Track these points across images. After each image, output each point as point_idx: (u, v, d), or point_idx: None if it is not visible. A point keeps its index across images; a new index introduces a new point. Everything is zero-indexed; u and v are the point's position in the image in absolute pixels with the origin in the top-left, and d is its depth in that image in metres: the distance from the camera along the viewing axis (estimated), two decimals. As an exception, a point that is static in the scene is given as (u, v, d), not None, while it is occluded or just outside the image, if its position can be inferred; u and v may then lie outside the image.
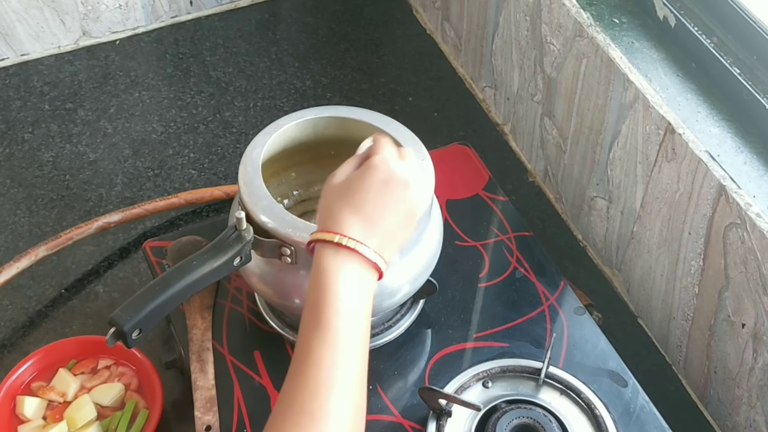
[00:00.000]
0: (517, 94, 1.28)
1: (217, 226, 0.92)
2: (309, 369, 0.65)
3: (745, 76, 0.95)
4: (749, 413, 0.96)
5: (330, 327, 0.66)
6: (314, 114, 0.94)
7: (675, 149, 0.96)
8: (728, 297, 0.94)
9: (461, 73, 1.43)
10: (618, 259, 1.14)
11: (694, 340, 1.03)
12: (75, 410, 0.94)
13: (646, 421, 0.91)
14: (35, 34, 1.41)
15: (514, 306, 1.00)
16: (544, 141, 1.24)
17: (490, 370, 0.93)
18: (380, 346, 0.96)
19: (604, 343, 0.97)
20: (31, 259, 1.10)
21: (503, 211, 1.10)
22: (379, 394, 0.93)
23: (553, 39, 1.14)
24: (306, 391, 0.64)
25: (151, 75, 1.42)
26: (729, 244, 0.92)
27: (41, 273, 1.14)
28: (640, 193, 1.05)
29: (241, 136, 1.32)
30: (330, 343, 0.66)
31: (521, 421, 0.87)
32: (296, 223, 0.82)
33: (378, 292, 0.87)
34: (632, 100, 1.01)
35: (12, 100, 1.36)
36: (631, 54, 1.03)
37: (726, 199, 0.90)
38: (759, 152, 0.93)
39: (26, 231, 1.19)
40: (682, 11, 1.03)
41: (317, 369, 0.65)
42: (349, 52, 1.47)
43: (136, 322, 0.75)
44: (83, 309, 1.11)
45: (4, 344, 1.07)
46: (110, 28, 1.46)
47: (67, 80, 1.40)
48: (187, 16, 1.51)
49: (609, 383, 0.93)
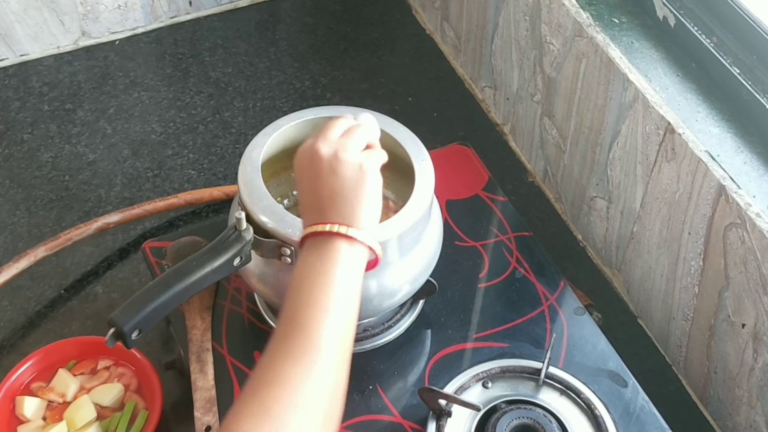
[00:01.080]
0: (516, 94, 1.28)
1: (217, 226, 0.92)
2: (284, 345, 0.65)
3: (745, 76, 0.95)
4: (749, 413, 0.96)
5: (328, 310, 0.66)
6: (313, 114, 0.94)
7: (675, 149, 0.96)
8: (728, 297, 0.94)
9: (461, 73, 1.43)
10: (618, 260, 1.14)
11: (694, 340, 1.03)
12: (75, 411, 0.94)
13: (646, 421, 0.90)
14: (34, 34, 1.40)
15: (514, 306, 1.00)
16: (543, 141, 1.24)
17: (489, 371, 0.93)
18: (380, 346, 0.96)
19: (604, 343, 0.97)
20: (31, 259, 1.10)
21: (503, 211, 1.10)
22: (379, 394, 0.93)
23: (552, 39, 1.13)
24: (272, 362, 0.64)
25: (151, 75, 1.42)
26: (729, 244, 0.92)
27: (40, 274, 1.14)
28: (639, 193, 1.05)
29: (240, 136, 1.32)
30: (330, 325, 0.66)
31: (521, 422, 0.87)
32: (296, 223, 0.82)
33: (378, 292, 0.87)
34: (632, 100, 1.00)
35: (11, 101, 1.36)
36: (630, 54, 1.03)
37: (726, 199, 0.90)
38: (759, 152, 0.93)
39: (25, 231, 1.19)
40: (682, 11, 1.03)
41: (307, 339, 0.64)
42: (348, 52, 1.47)
43: (135, 323, 0.75)
44: (82, 310, 1.10)
45: (3, 345, 1.07)
46: (109, 28, 1.46)
47: (66, 81, 1.40)
48: (186, 16, 1.51)
49: (609, 383, 0.93)
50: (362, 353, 0.96)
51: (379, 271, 0.85)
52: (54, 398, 0.96)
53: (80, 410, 0.94)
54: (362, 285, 0.72)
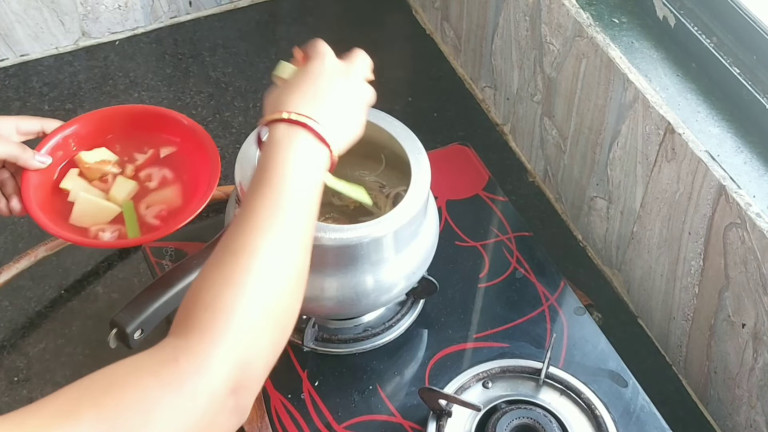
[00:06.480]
0: (516, 94, 1.28)
1: (217, 226, 0.92)
2: (244, 219, 0.64)
3: (745, 76, 0.95)
4: (749, 413, 0.96)
5: (273, 187, 0.65)
6: None
7: (675, 149, 0.96)
8: (728, 297, 0.94)
9: (461, 73, 1.43)
10: (618, 259, 1.14)
11: (694, 340, 1.03)
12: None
13: (646, 421, 0.91)
14: (34, 34, 1.40)
15: (514, 306, 1.00)
16: (543, 141, 1.24)
17: (490, 371, 0.93)
18: (380, 346, 0.96)
19: (604, 343, 0.97)
20: (31, 259, 1.10)
21: (503, 211, 1.10)
22: (379, 394, 0.93)
23: (552, 39, 1.14)
24: (235, 234, 0.63)
25: (151, 75, 1.42)
26: (729, 244, 0.92)
27: (41, 274, 1.14)
28: (640, 193, 1.05)
29: (240, 136, 1.32)
30: (270, 199, 0.65)
31: (521, 422, 0.87)
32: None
33: (374, 287, 0.87)
34: (632, 100, 1.01)
35: (11, 101, 1.36)
36: (630, 54, 1.03)
37: (726, 199, 0.90)
38: (759, 152, 0.93)
39: (26, 232, 1.19)
40: (682, 11, 1.03)
41: (252, 217, 0.64)
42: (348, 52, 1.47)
43: (138, 323, 0.75)
44: (83, 309, 1.11)
45: (3, 345, 1.07)
46: (109, 28, 1.46)
47: (67, 81, 1.40)
48: (187, 16, 1.51)
49: (609, 383, 0.93)
50: (362, 353, 0.96)
51: (376, 266, 0.86)
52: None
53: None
54: (321, 185, 0.70)
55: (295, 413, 0.90)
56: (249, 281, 0.60)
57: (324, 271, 0.85)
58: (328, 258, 0.85)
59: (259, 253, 0.62)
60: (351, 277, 0.86)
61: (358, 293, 0.87)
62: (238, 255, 0.61)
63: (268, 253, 0.62)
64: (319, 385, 0.93)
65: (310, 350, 0.95)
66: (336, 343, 0.96)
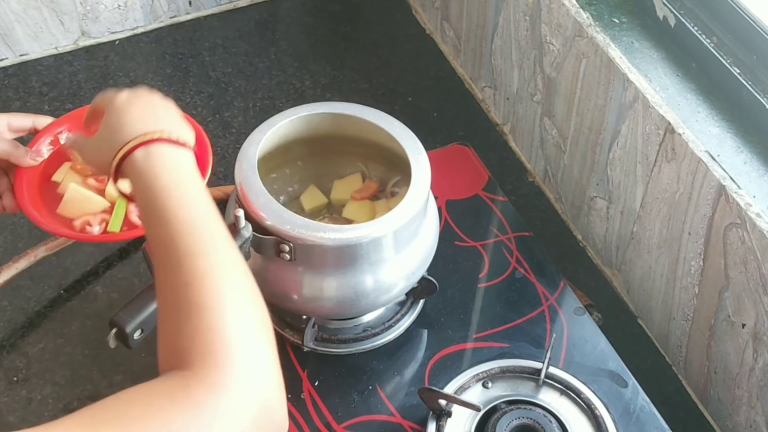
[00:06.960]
0: (516, 94, 1.28)
1: (217, 226, 0.91)
2: (170, 251, 0.62)
3: (745, 76, 0.95)
4: (749, 413, 0.96)
5: (175, 207, 0.64)
6: (308, 111, 0.94)
7: (675, 149, 0.96)
8: (728, 297, 0.94)
9: (461, 73, 1.43)
10: (618, 260, 1.14)
11: (694, 340, 1.03)
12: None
13: (646, 422, 0.90)
14: (34, 34, 1.40)
15: (514, 306, 1.00)
16: (543, 141, 1.24)
17: (489, 371, 0.93)
18: (380, 346, 0.96)
19: (604, 343, 0.97)
20: (31, 259, 1.10)
21: (503, 211, 1.10)
22: (379, 394, 0.93)
23: (552, 39, 1.13)
24: (171, 268, 0.62)
25: (150, 75, 1.42)
26: (729, 244, 0.92)
27: (40, 273, 1.14)
28: (639, 193, 1.05)
29: (240, 136, 1.32)
30: (180, 219, 0.63)
31: (521, 422, 0.87)
32: (294, 219, 0.82)
33: (374, 287, 0.87)
34: (632, 100, 1.00)
35: (11, 101, 1.36)
36: (630, 54, 1.03)
37: (726, 199, 0.90)
38: (759, 152, 0.93)
39: (26, 231, 1.19)
40: (682, 11, 1.03)
41: (178, 243, 0.62)
42: (348, 52, 1.47)
43: (137, 323, 0.75)
44: (82, 309, 1.10)
45: (3, 345, 1.07)
46: (109, 28, 1.46)
47: (66, 80, 1.40)
48: (186, 16, 1.51)
49: (609, 383, 0.93)
50: (362, 353, 0.96)
51: (376, 266, 0.86)
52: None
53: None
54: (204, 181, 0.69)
55: (295, 413, 0.90)
56: (216, 298, 0.59)
57: (324, 271, 0.85)
58: (327, 258, 0.85)
59: (208, 273, 0.61)
60: (351, 278, 0.86)
61: (357, 293, 0.87)
62: (190, 283, 0.60)
63: (216, 267, 0.61)
64: (318, 385, 0.93)
65: (309, 350, 0.95)
66: (336, 343, 0.96)
